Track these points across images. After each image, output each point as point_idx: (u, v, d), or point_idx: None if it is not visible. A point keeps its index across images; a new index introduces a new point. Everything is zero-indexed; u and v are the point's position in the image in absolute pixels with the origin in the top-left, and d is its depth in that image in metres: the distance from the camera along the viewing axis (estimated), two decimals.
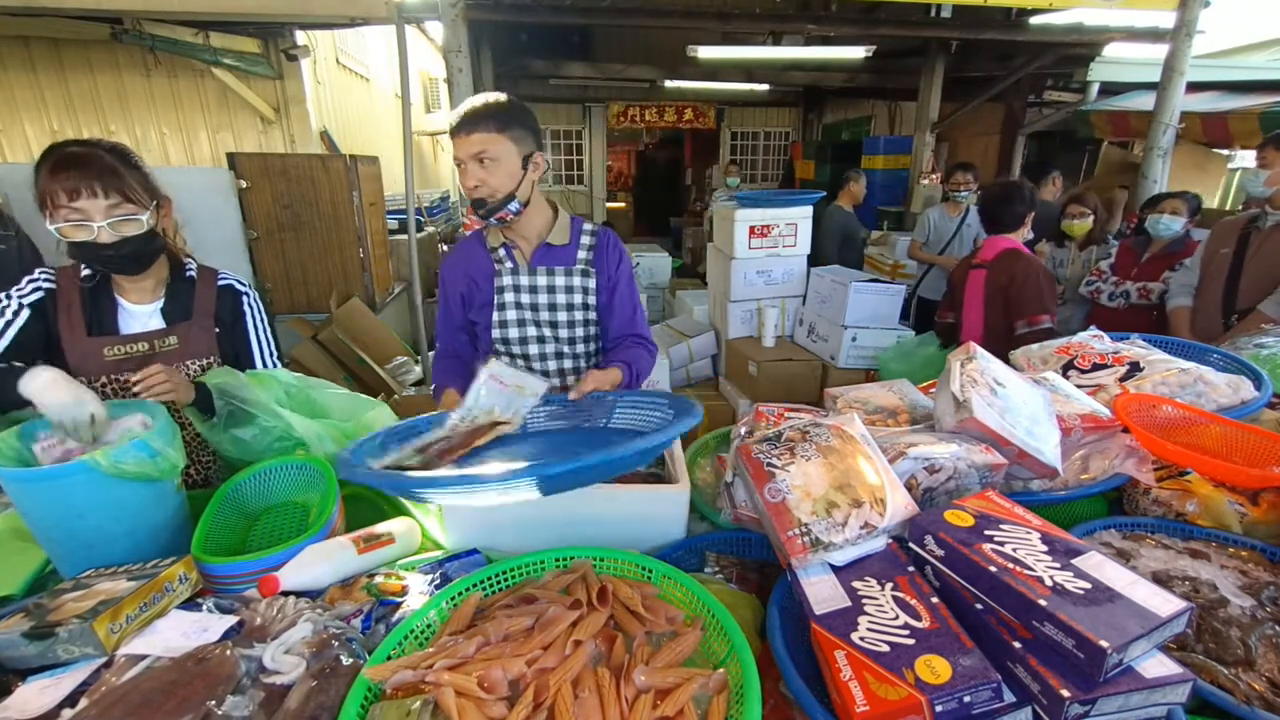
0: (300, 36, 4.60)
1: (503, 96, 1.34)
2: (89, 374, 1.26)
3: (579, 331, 1.49)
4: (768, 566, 1.04)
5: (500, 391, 1.07)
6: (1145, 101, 4.77)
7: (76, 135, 4.57)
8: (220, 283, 1.41)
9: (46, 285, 1.26)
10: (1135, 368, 1.37)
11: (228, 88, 4.52)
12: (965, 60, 6.53)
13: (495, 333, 1.48)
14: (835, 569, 0.84)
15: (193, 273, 1.40)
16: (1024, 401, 1.13)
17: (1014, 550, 0.74)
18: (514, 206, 1.36)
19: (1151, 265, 2.81)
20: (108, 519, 0.98)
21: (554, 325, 1.48)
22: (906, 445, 1.02)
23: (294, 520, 1.16)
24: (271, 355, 1.48)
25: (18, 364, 1.15)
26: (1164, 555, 0.98)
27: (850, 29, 5.25)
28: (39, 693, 0.74)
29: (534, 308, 1.46)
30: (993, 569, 0.71)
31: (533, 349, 1.50)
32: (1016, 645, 0.66)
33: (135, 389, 1.14)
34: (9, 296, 1.23)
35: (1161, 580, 0.92)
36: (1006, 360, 1.40)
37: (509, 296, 1.45)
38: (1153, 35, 4.90)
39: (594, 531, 1.00)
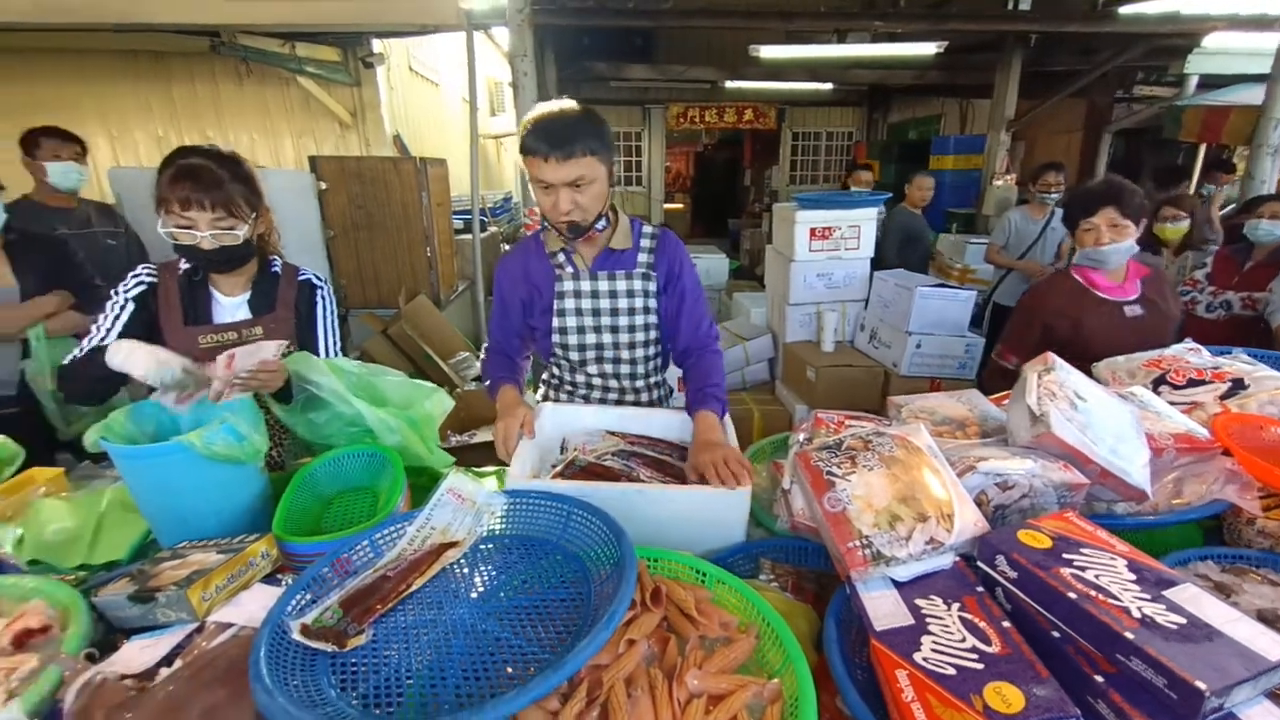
0: (376, 45, 4.82)
1: (587, 108, 1.28)
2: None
3: (639, 336, 1.49)
4: (824, 577, 1.01)
5: (457, 507, 1.00)
6: (1250, 95, 4.38)
7: (180, 141, 4.95)
8: (300, 278, 1.52)
9: (149, 280, 1.39)
10: (1239, 385, 1.26)
11: (310, 94, 4.79)
12: (1044, 54, 6.17)
13: (555, 338, 1.48)
14: (897, 584, 0.82)
15: (277, 269, 1.50)
16: (1108, 417, 1.06)
17: (1096, 577, 0.70)
18: (600, 225, 1.35)
19: (1256, 273, 2.58)
20: (200, 495, 1.06)
21: (614, 330, 1.47)
22: (977, 459, 0.98)
23: (364, 505, 1.21)
24: (335, 346, 1.55)
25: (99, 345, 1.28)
26: (1271, 592, 0.90)
27: (920, 25, 5.07)
28: (140, 651, 0.81)
29: (595, 312, 1.46)
30: (1072, 595, 0.67)
31: (591, 353, 1.50)
32: (1098, 679, 0.63)
33: (255, 383, 1.19)
34: (117, 293, 1.37)
35: (1268, 619, 0.84)
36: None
37: (569, 302, 1.45)
38: (1260, 23, 4.50)
39: (651, 531, 1.00)
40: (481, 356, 1.62)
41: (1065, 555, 0.74)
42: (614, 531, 0.89)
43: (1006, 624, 0.71)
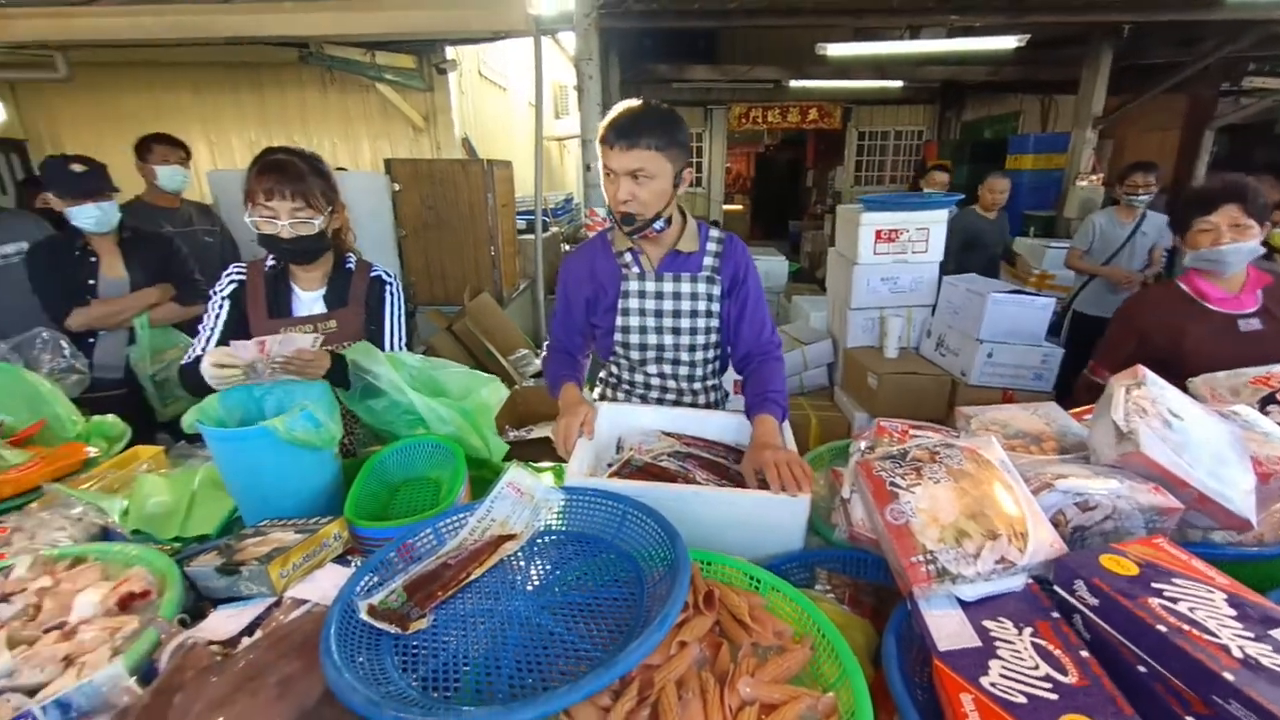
0: (449, 52, 5.01)
1: (663, 107, 1.31)
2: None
3: (700, 338, 1.49)
4: (883, 591, 0.98)
5: (516, 500, 1.02)
6: None
7: (269, 145, 5.33)
8: (371, 274, 1.61)
9: (239, 278, 1.51)
10: None
11: (387, 100, 5.03)
12: (1138, 46, 5.73)
13: (617, 336, 1.50)
14: (963, 604, 0.78)
15: (351, 265, 1.59)
16: (1207, 438, 0.98)
17: (1191, 610, 0.65)
18: (659, 225, 1.36)
19: None
20: (280, 477, 1.13)
21: (677, 331, 1.48)
22: (1054, 476, 0.93)
23: (428, 494, 1.26)
24: (400, 340, 1.62)
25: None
26: None
27: (999, 18, 4.80)
28: (225, 619, 0.87)
29: (658, 314, 1.47)
30: (1162, 628, 0.62)
31: (651, 354, 1.51)
32: None
33: (293, 368, 1.26)
34: (215, 293, 1.50)
35: None
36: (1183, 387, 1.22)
37: (634, 302, 1.46)
38: None
39: (705, 534, 0.99)
40: (542, 354, 1.66)
41: (1154, 584, 0.69)
42: (668, 533, 0.89)
43: (1085, 654, 0.67)
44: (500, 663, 0.75)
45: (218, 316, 1.48)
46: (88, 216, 1.99)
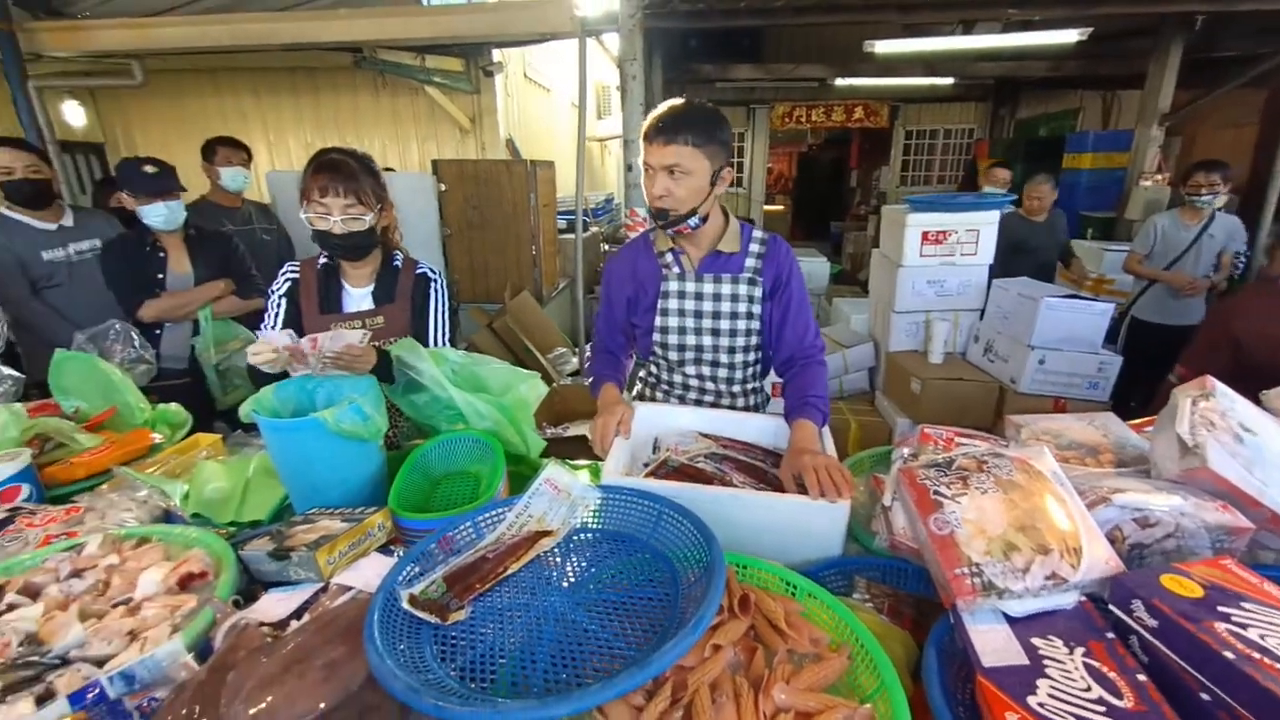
0: (496, 54, 5.11)
1: (705, 105, 1.31)
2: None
3: (740, 341, 1.48)
4: (924, 603, 0.95)
5: (553, 497, 1.03)
6: None
7: (325, 147, 5.55)
8: (417, 271, 1.65)
9: (293, 276, 1.57)
10: None
11: (435, 103, 5.16)
12: (1211, 38, 5.39)
13: (655, 336, 1.50)
14: (1010, 619, 0.75)
15: (398, 263, 1.64)
16: None
17: (1262, 637, 0.61)
18: (694, 222, 1.36)
19: None
20: (329, 467, 1.17)
21: (716, 333, 1.47)
22: (1111, 490, 0.88)
23: (468, 488, 1.29)
24: (443, 337, 1.66)
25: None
26: None
27: (1060, 11, 4.59)
28: (276, 603, 0.91)
29: (698, 314, 1.46)
30: (1229, 655, 0.59)
31: (690, 354, 1.50)
32: None
33: (341, 364, 1.31)
34: (272, 292, 1.57)
35: None
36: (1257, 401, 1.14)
37: (673, 303, 1.46)
38: None
39: (742, 537, 0.99)
40: (587, 353, 1.68)
41: (1221, 608, 0.65)
42: (704, 535, 0.89)
43: (1142, 677, 0.63)
44: (536, 657, 0.76)
45: (276, 315, 1.56)
46: (157, 214, 2.11)
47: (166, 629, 0.84)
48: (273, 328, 1.54)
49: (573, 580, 0.91)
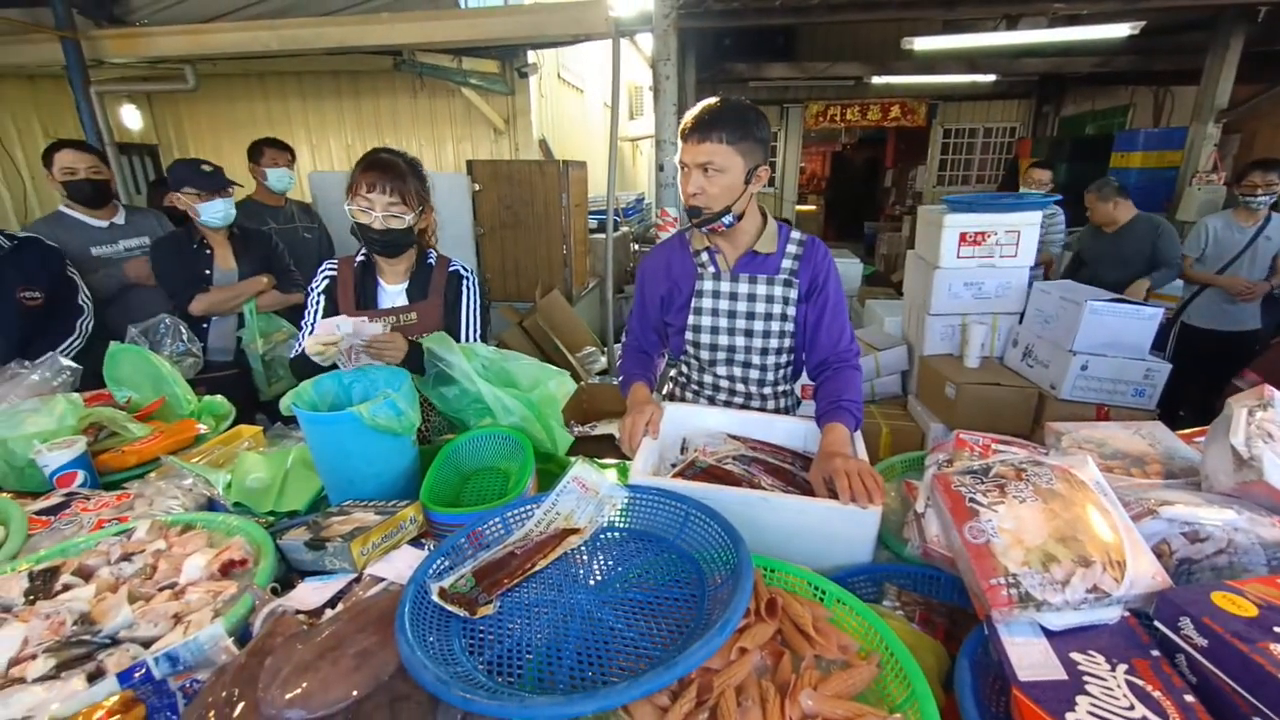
0: (531, 56, 5.16)
1: (742, 103, 1.30)
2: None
3: (773, 342, 1.46)
4: (957, 613, 0.93)
5: (580, 496, 1.03)
6: None
7: (364, 149, 5.68)
8: (450, 268, 1.68)
9: (331, 273, 1.62)
10: None
11: (471, 104, 5.24)
12: (1275, 30, 5.12)
13: (688, 335, 1.49)
14: (1048, 633, 0.73)
15: (432, 260, 1.67)
16: None
17: None
18: (728, 220, 1.35)
19: None
20: (364, 460, 1.20)
21: (749, 334, 1.46)
22: (1158, 502, 0.85)
23: (497, 484, 1.31)
24: (474, 333, 1.69)
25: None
26: None
27: (1111, 4, 4.43)
28: (312, 591, 0.94)
29: (731, 314, 1.45)
30: None
31: (722, 354, 1.50)
32: None
33: (373, 352, 1.40)
34: (313, 289, 1.62)
35: None
36: None
37: (707, 302, 1.45)
38: None
39: (770, 540, 0.98)
40: (616, 353, 1.69)
41: (1277, 629, 0.62)
42: (731, 537, 0.88)
43: (1190, 698, 0.61)
44: (562, 654, 0.77)
45: (315, 311, 1.60)
46: (216, 211, 2.22)
47: (209, 613, 0.87)
48: (313, 324, 1.59)
49: (599, 578, 0.92)
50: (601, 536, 1.01)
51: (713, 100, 1.30)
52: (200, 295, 2.22)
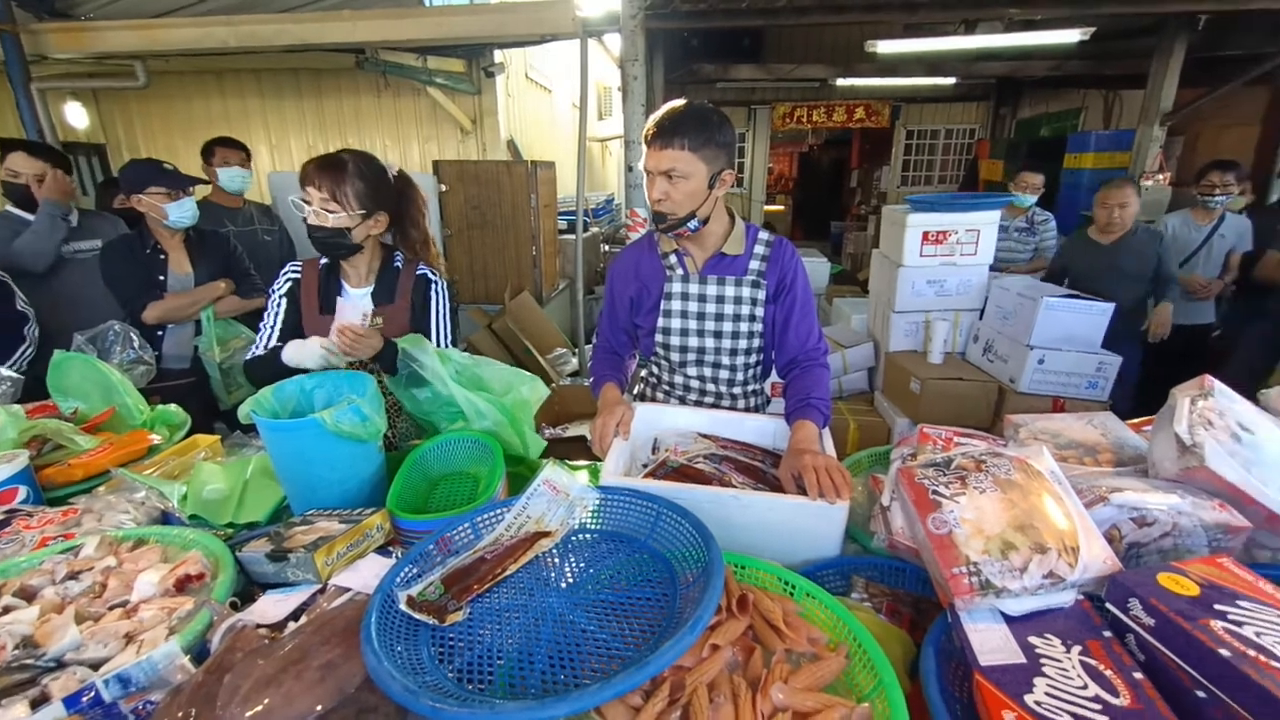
0: (498, 55, 5.11)
1: (705, 107, 1.31)
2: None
3: (742, 343, 1.47)
4: (923, 602, 0.95)
5: (552, 498, 1.03)
6: None
7: (327, 149, 5.54)
8: (418, 273, 1.65)
9: (294, 276, 1.58)
10: None
11: (437, 104, 5.17)
12: (1217, 37, 5.37)
13: (658, 337, 1.50)
14: (1007, 618, 0.75)
15: (399, 264, 1.64)
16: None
17: (1257, 635, 0.61)
18: (693, 225, 1.35)
19: None
20: (327, 468, 1.17)
21: (718, 335, 1.47)
22: (1109, 490, 0.88)
23: (466, 489, 1.29)
24: (446, 337, 1.67)
25: (275, 345, 1.52)
26: None
27: (1063, 10, 4.58)
28: (273, 604, 0.91)
29: (700, 316, 1.46)
30: (1225, 653, 0.59)
31: (692, 356, 1.50)
32: None
33: (345, 344, 1.40)
34: (274, 292, 1.58)
35: None
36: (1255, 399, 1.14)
37: (676, 304, 1.46)
38: None
39: (740, 537, 0.99)
40: (587, 354, 1.68)
41: (1217, 606, 0.65)
42: (702, 535, 0.89)
43: (1139, 676, 0.63)
44: (533, 658, 0.76)
45: (276, 315, 1.56)
46: (185, 210, 2.15)
47: (163, 631, 0.84)
48: (273, 327, 1.56)
49: (571, 581, 0.91)
50: (573, 538, 1.01)
51: (675, 105, 1.30)
52: (154, 303, 2.14)
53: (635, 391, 1.69)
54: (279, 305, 1.57)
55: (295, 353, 1.43)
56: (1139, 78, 5.69)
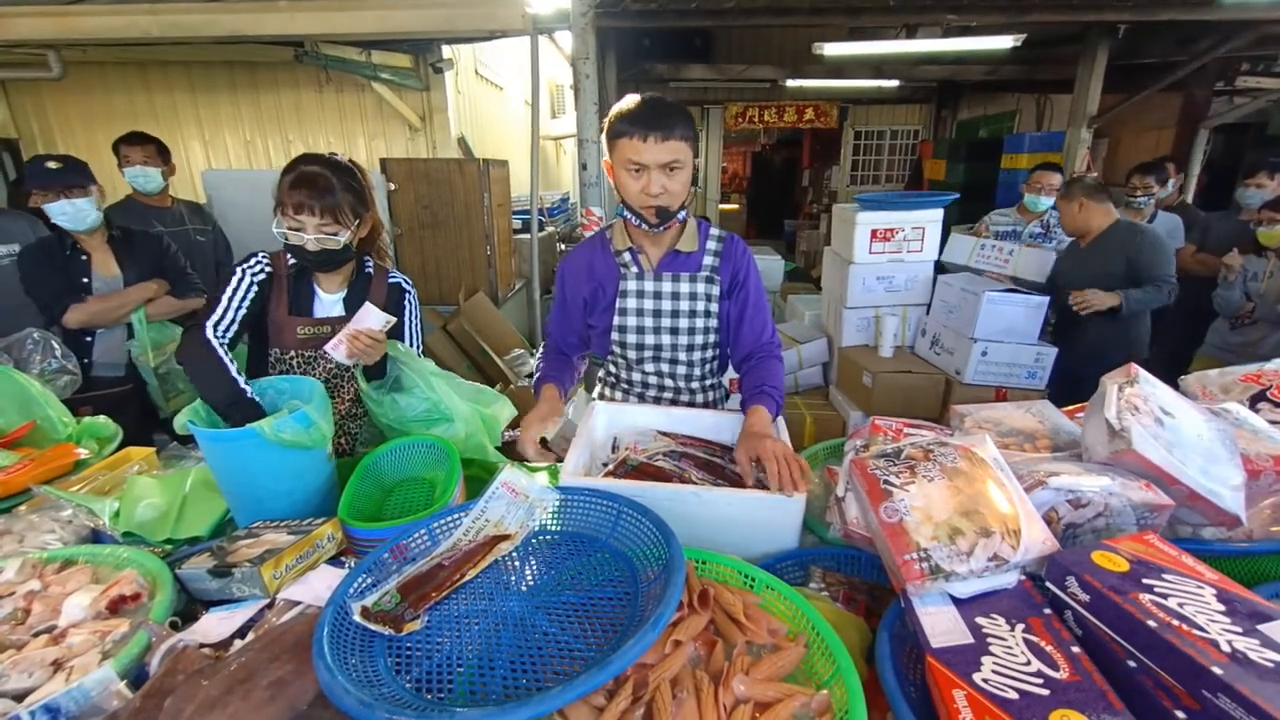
0: (446, 51, 4.99)
1: (681, 104, 1.30)
2: (283, 345, 1.50)
3: (698, 339, 1.48)
4: (877, 589, 0.98)
5: (511, 500, 1.02)
6: None
7: (265, 145, 5.31)
8: (390, 280, 1.61)
9: (267, 269, 1.49)
10: None
11: (383, 100, 5.01)
12: (1134, 45, 5.74)
13: (614, 335, 1.49)
14: (956, 601, 0.78)
15: (370, 270, 1.60)
16: (1198, 435, 0.98)
17: (1180, 605, 0.65)
18: (683, 215, 1.36)
19: None
20: (272, 478, 1.13)
21: (674, 331, 1.47)
22: (1047, 474, 0.93)
23: (422, 495, 1.26)
24: (419, 348, 1.64)
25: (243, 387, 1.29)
26: None
27: (996, 17, 4.80)
28: (218, 622, 0.87)
29: (656, 313, 1.46)
30: (1151, 624, 0.62)
31: (649, 353, 1.50)
32: (1179, 715, 0.58)
33: (359, 346, 1.38)
34: (244, 273, 1.44)
35: None
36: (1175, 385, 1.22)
37: (631, 302, 1.45)
38: None
39: (701, 533, 0.99)
40: (537, 354, 1.66)
41: (1145, 580, 0.69)
42: (663, 532, 0.89)
43: (1076, 649, 0.67)
44: (494, 664, 0.75)
45: (244, 296, 1.42)
46: (61, 213, 2.00)
47: (96, 656, 0.79)
48: (236, 310, 1.40)
49: (531, 583, 0.90)
50: (533, 540, 1.00)
51: (653, 97, 1.28)
52: (75, 307, 2.00)
53: (595, 391, 1.68)
54: (249, 289, 1.43)
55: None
56: (1067, 83, 6.02)
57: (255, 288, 1.46)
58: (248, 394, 1.25)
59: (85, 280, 2.06)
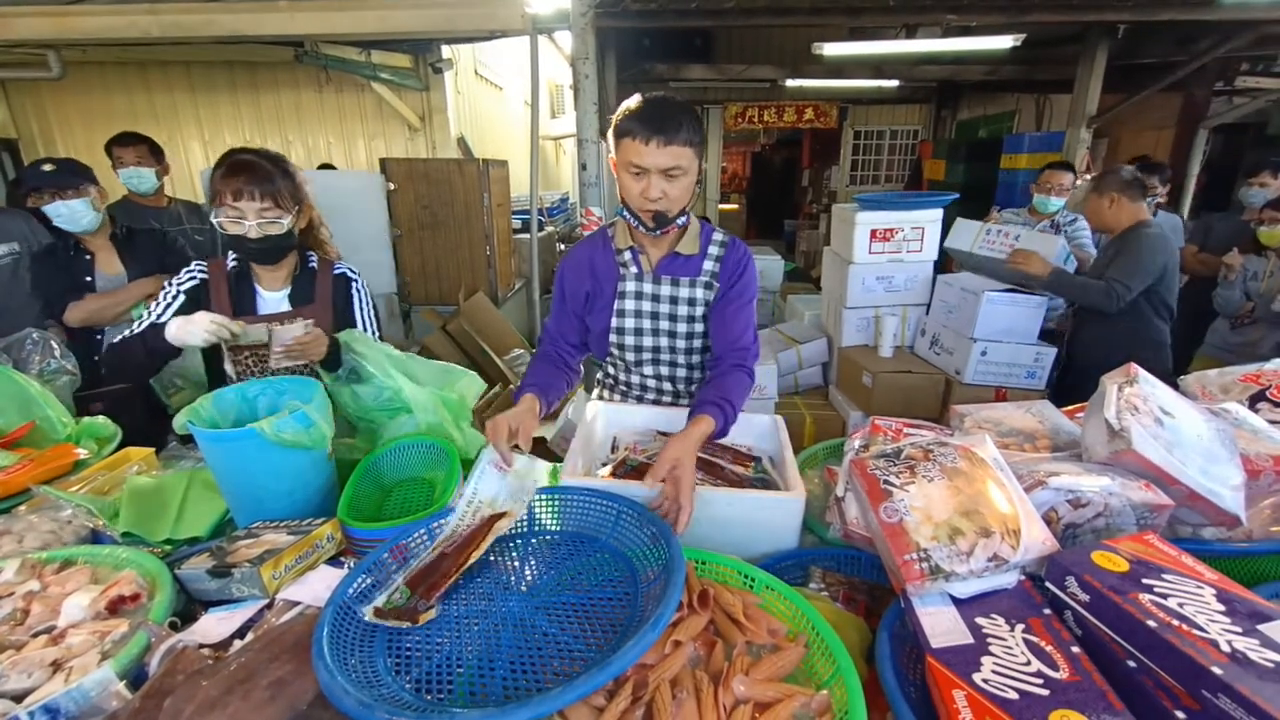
0: (445, 51, 5.00)
1: (690, 105, 1.25)
2: (233, 349, 1.49)
3: (696, 343, 1.47)
4: (877, 589, 0.98)
5: (499, 477, 1.02)
6: None
7: (265, 145, 5.32)
8: (335, 272, 1.60)
9: (200, 275, 1.51)
10: None
11: (383, 100, 5.02)
12: (1134, 46, 5.74)
13: (612, 337, 1.47)
14: (956, 601, 0.78)
15: (314, 264, 1.59)
16: (1198, 435, 0.98)
17: (1180, 605, 0.65)
18: (682, 220, 1.33)
19: None
20: (272, 478, 1.12)
21: (673, 335, 1.45)
22: (1047, 474, 0.93)
23: (421, 495, 1.26)
24: (375, 334, 1.63)
25: (155, 321, 1.43)
26: None
27: (996, 17, 4.80)
28: (217, 622, 0.87)
29: (654, 315, 1.44)
30: (1151, 624, 0.62)
31: (647, 355, 1.49)
32: (1179, 715, 0.58)
33: (296, 351, 1.35)
34: (171, 285, 1.49)
35: None
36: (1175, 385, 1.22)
37: (629, 303, 1.44)
38: None
39: (700, 533, 0.99)
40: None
41: (1145, 580, 0.69)
42: (662, 532, 0.89)
43: (1076, 649, 0.67)
44: (494, 664, 0.75)
45: (168, 306, 1.46)
46: (56, 214, 2.01)
47: (95, 657, 0.79)
48: (159, 316, 1.45)
49: (531, 584, 0.90)
50: (533, 541, 1.00)
51: (659, 97, 1.25)
52: (75, 303, 2.00)
53: (595, 393, 1.68)
54: (175, 299, 1.47)
55: (179, 330, 1.34)
56: (1067, 83, 6.02)
57: (183, 296, 1.48)
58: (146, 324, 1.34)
59: (89, 279, 2.07)
